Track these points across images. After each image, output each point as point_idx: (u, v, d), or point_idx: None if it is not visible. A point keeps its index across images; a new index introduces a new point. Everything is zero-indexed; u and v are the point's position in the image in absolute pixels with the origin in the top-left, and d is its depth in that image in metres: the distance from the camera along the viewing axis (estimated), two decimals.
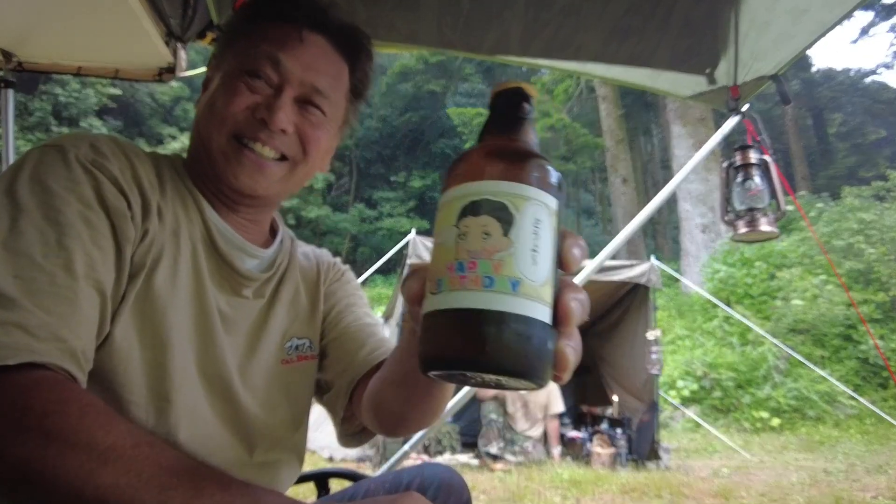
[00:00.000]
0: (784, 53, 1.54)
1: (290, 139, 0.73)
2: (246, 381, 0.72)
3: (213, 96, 0.73)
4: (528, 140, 0.42)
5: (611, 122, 15.11)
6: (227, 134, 0.70)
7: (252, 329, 0.76)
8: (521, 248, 0.36)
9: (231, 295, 0.73)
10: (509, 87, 0.43)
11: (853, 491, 3.81)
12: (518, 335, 0.35)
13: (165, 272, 0.65)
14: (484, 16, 1.53)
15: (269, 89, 0.71)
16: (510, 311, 0.35)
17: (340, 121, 0.81)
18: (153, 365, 0.62)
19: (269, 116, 0.69)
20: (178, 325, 0.65)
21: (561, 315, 0.37)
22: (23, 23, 1.50)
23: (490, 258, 0.35)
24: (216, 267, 0.72)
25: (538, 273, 0.36)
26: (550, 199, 0.38)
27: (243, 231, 0.77)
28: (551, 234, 0.38)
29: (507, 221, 0.36)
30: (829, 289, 7.93)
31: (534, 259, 0.36)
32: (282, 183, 0.74)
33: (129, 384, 0.60)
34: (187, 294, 0.67)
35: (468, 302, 0.35)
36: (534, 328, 0.35)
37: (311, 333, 0.83)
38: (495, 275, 0.35)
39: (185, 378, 0.65)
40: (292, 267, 0.84)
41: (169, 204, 0.68)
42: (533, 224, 0.36)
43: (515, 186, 0.37)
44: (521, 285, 0.35)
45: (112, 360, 0.59)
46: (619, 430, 4.92)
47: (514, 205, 0.37)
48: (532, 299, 0.35)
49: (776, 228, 1.69)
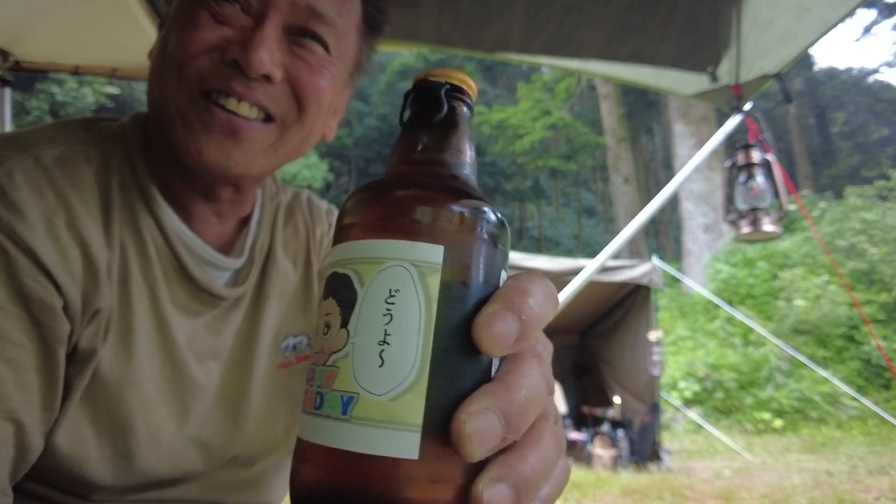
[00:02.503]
0: (787, 52, 1.52)
1: (279, 90, 0.53)
2: (243, 408, 0.63)
3: (167, 35, 0.53)
4: (445, 164, 0.28)
5: (612, 120, 15.09)
6: (187, 87, 0.50)
7: (239, 341, 0.64)
8: (360, 345, 0.24)
9: (207, 315, 0.61)
10: (419, 81, 0.29)
11: (856, 492, 3.79)
12: (354, 481, 0.23)
13: (115, 344, 0.52)
14: (484, 13, 1.52)
15: (244, 16, 0.51)
16: (336, 447, 0.23)
17: (351, 63, 0.59)
18: (116, 456, 0.52)
19: (245, 56, 0.49)
20: (144, 400, 0.54)
21: (455, 444, 0.23)
22: (20, 21, 1.50)
23: (323, 363, 0.25)
24: (185, 293, 0.58)
25: (389, 380, 0.23)
26: (424, 250, 0.24)
27: (215, 228, 0.62)
28: (427, 309, 0.24)
29: (348, 303, 0.25)
30: (831, 289, 7.90)
31: (382, 358, 0.23)
32: (267, 155, 0.55)
33: (92, 473, 0.51)
34: (150, 353, 0.55)
35: (302, 429, 0.25)
36: (380, 472, 0.23)
37: (308, 327, 0.71)
38: (326, 389, 0.24)
39: (163, 452, 0.55)
40: (276, 248, 0.68)
41: (115, 236, 0.52)
42: (384, 300, 0.24)
43: (361, 246, 0.25)
44: (355, 405, 0.23)
45: (65, 458, 0.50)
46: (620, 431, 4.91)
47: (359, 275, 0.25)
48: (375, 426, 0.23)
49: (779, 228, 1.68)
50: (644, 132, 21.53)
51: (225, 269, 0.63)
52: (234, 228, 0.66)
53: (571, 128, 17.88)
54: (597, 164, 19.69)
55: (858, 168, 19.44)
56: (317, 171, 17.02)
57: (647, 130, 21.71)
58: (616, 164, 14.89)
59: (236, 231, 0.66)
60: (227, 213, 0.63)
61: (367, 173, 21.99)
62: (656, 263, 5.07)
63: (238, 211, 0.65)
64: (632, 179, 14.84)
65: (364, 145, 22.01)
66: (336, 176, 21.08)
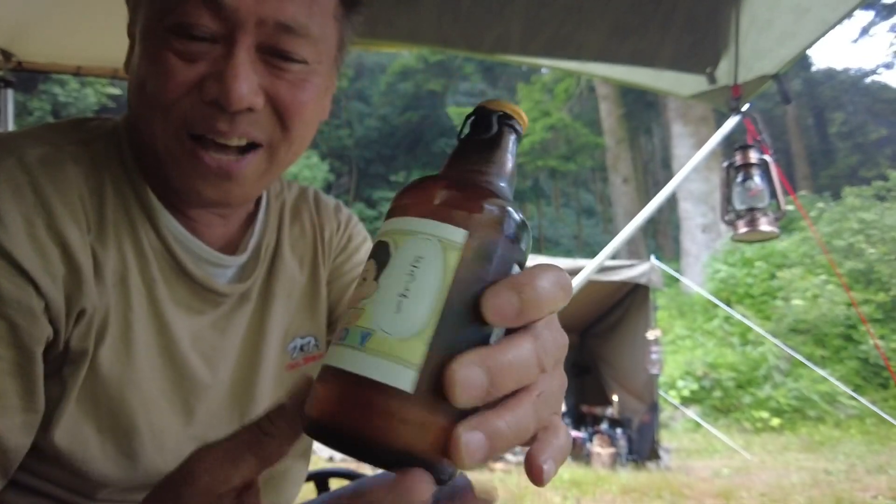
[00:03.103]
0: (785, 52, 1.53)
1: (262, 115, 0.52)
2: (249, 408, 0.63)
3: (140, 72, 0.51)
4: (485, 172, 0.33)
5: (611, 121, 15.10)
6: (174, 130, 0.50)
7: (247, 340, 0.64)
8: (384, 294, 0.29)
9: (211, 313, 0.60)
10: (480, 107, 0.35)
11: (854, 491, 3.81)
12: (363, 406, 0.27)
13: (114, 345, 0.52)
14: (484, 14, 1.52)
15: (212, 46, 0.49)
16: (348, 370, 0.28)
17: (333, 54, 0.57)
18: (120, 456, 0.52)
19: (224, 95, 0.48)
20: (145, 399, 0.53)
21: (444, 387, 0.26)
22: (22, 22, 1.50)
23: (355, 306, 0.30)
24: (186, 291, 0.58)
25: (402, 324, 0.28)
26: (450, 231, 0.29)
27: (218, 228, 0.62)
28: (443, 276, 0.28)
29: (383, 262, 0.30)
30: (829, 289, 7.92)
31: (399, 307, 0.28)
32: (262, 180, 0.56)
33: (95, 472, 0.51)
34: (150, 353, 0.54)
35: (326, 357, 0.30)
36: (383, 398, 0.27)
37: (315, 328, 0.70)
38: (350, 325, 0.29)
39: (168, 452, 0.55)
40: (283, 247, 0.68)
41: (111, 236, 0.52)
42: (410, 263, 0.29)
43: (402, 221, 0.31)
44: (370, 339, 0.28)
45: (67, 458, 0.50)
46: (619, 430, 4.92)
47: (394, 242, 0.30)
48: (382, 357, 0.27)
49: (777, 228, 1.68)
50: (643, 133, 21.54)
51: (226, 267, 0.62)
52: (239, 227, 0.65)
53: (571, 128, 17.89)
54: (596, 164, 19.70)
55: (856, 168, 19.46)
56: (317, 172, 17.01)
57: (646, 131, 21.72)
58: (615, 164, 14.91)
59: (241, 229, 0.66)
60: (230, 214, 0.63)
61: (367, 173, 21.99)
62: (655, 263, 5.08)
63: (243, 210, 0.65)
64: (631, 180, 14.85)
65: (364, 146, 22.00)
66: (336, 176, 21.06)
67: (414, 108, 22.07)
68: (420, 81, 21.76)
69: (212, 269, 0.61)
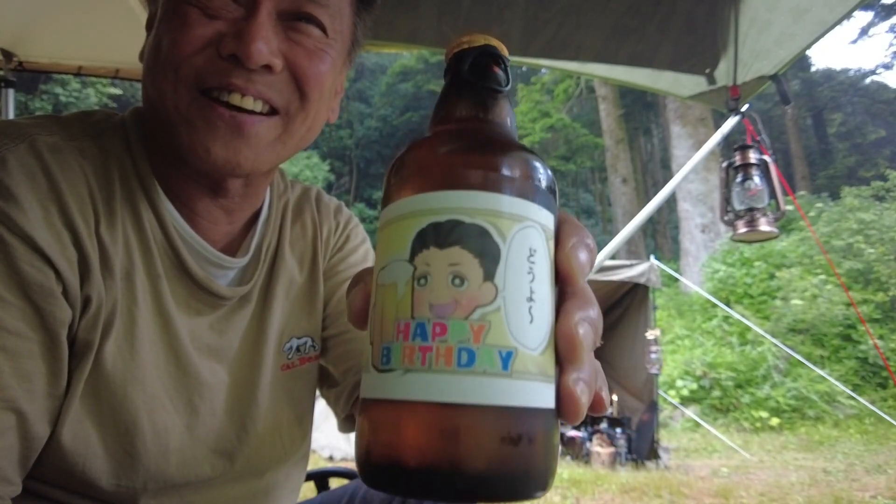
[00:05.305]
0: (784, 53, 1.54)
1: (280, 79, 0.51)
2: (250, 410, 0.62)
3: (158, 34, 0.51)
4: (505, 124, 0.30)
5: (611, 121, 15.10)
6: (185, 87, 0.49)
7: (247, 342, 0.63)
8: (513, 300, 0.23)
9: (209, 315, 0.60)
10: (474, 45, 0.30)
11: (852, 491, 3.81)
12: (514, 442, 0.22)
13: (119, 340, 0.51)
14: (484, 15, 1.53)
15: (234, 6, 0.49)
16: (502, 405, 0.22)
17: (348, 41, 0.58)
18: (122, 454, 0.51)
19: (243, 48, 0.47)
20: (148, 397, 0.53)
21: (564, 347, 0.25)
22: (23, 22, 1.50)
23: (467, 317, 0.23)
24: (186, 291, 0.57)
25: (537, 334, 0.23)
26: (546, 216, 0.26)
27: (223, 226, 0.61)
28: (548, 268, 0.25)
29: (492, 257, 0.24)
30: (828, 289, 7.93)
31: (531, 314, 0.23)
32: (275, 148, 0.54)
33: (94, 471, 0.51)
34: (155, 349, 0.54)
35: (435, 392, 0.22)
36: (537, 424, 0.23)
37: (312, 329, 0.69)
38: (476, 345, 0.22)
39: (171, 453, 0.54)
40: (283, 247, 0.67)
41: (119, 230, 0.52)
42: (527, 259, 0.24)
43: (501, 200, 0.25)
44: (515, 359, 0.23)
45: (69, 456, 0.49)
46: (618, 429, 4.92)
47: (499, 230, 0.24)
48: (532, 378, 0.23)
49: (775, 228, 1.69)
50: (642, 133, 21.55)
51: (228, 269, 0.61)
52: (242, 227, 0.64)
53: (570, 129, 17.89)
54: (595, 164, 19.70)
55: (855, 169, 19.48)
56: (318, 172, 17.01)
57: (645, 131, 21.73)
58: (614, 164, 14.91)
59: (245, 230, 0.65)
60: (236, 210, 0.61)
61: (367, 174, 21.98)
62: (654, 263, 5.09)
63: (248, 206, 0.63)
64: (630, 180, 14.85)
65: (365, 146, 22.00)
66: (337, 176, 21.06)
67: (414, 108, 22.07)
68: (420, 82, 21.75)
69: (213, 271, 0.60)
